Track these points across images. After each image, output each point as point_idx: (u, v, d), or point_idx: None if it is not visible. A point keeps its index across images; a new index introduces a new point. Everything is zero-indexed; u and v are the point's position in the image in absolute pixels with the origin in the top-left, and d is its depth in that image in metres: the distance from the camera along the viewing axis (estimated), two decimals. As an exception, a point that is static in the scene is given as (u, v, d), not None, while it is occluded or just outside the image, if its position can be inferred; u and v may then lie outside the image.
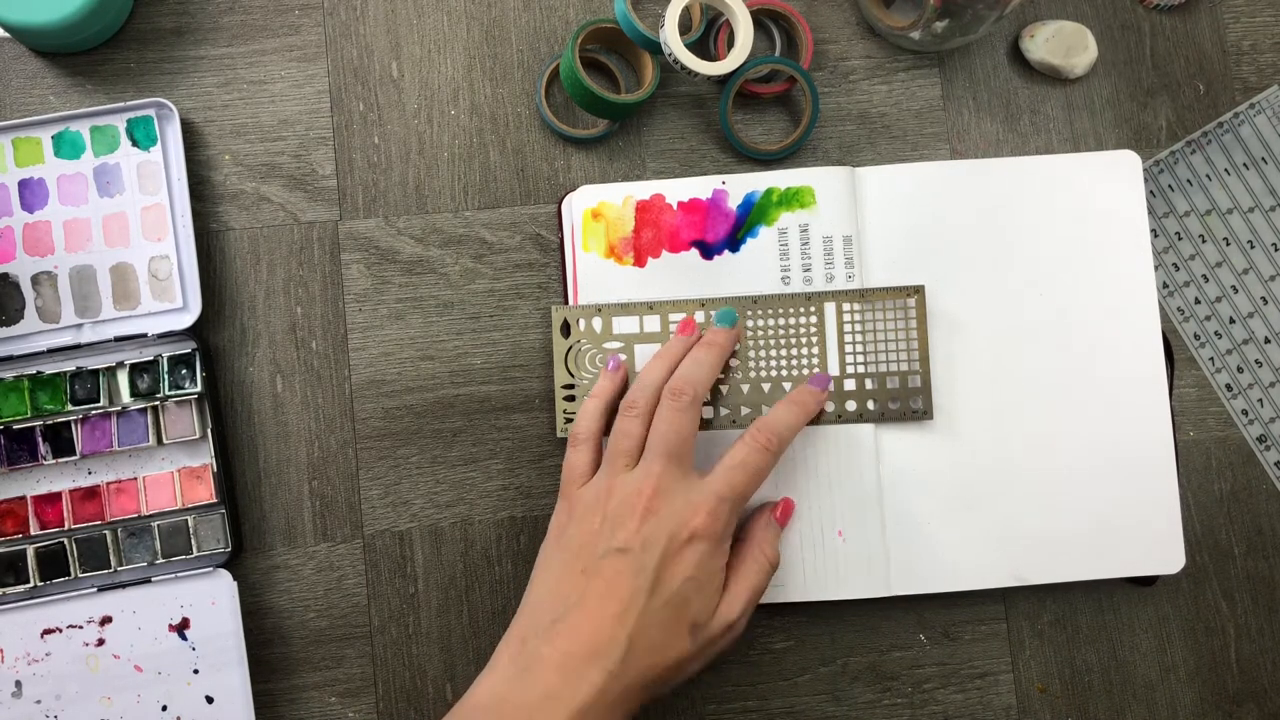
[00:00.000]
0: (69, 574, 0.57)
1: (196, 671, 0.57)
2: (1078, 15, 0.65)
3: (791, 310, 0.59)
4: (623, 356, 0.58)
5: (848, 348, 0.59)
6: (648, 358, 0.59)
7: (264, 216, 0.61)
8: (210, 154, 0.61)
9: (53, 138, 0.59)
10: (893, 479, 0.59)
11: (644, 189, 0.60)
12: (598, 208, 0.60)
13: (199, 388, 0.58)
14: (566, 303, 0.60)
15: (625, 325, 0.59)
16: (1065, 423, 0.59)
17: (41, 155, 0.59)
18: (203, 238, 0.61)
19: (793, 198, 0.60)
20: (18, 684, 0.56)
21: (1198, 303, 0.64)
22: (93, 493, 0.58)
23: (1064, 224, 0.61)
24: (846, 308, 0.59)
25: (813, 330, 0.59)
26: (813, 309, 0.59)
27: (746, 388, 0.59)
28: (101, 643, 0.57)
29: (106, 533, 0.57)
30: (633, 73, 0.64)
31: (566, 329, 0.59)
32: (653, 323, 0.59)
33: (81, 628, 0.57)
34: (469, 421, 0.61)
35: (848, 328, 0.59)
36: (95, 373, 0.57)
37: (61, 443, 0.57)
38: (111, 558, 0.57)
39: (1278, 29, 0.65)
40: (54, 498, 0.58)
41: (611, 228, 0.60)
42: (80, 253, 0.59)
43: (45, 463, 0.57)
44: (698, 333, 0.58)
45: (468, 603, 0.60)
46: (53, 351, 0.58)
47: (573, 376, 0.59)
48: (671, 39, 0.59)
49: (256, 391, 0.60)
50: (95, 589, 0.57)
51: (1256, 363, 0.63)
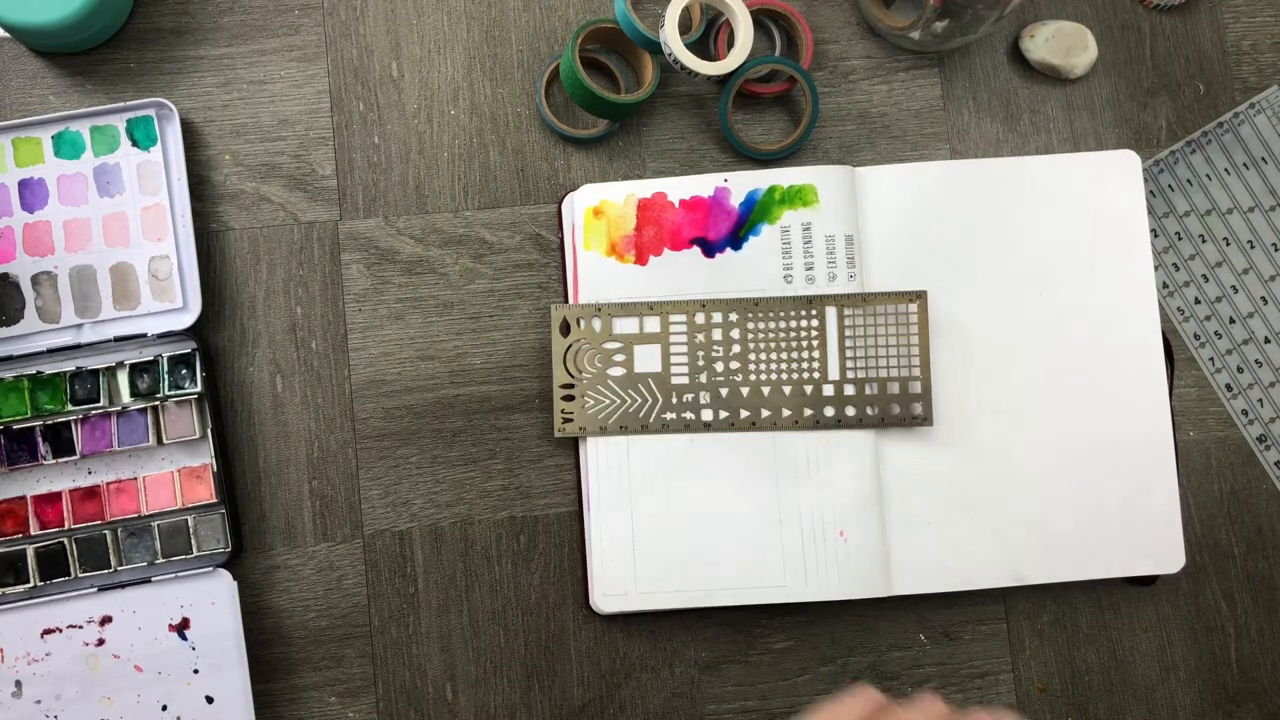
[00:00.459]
0: (69, 574, 0.57)
1: (196, 671, 0.57)
2: (1078, 15, 0.65)
3: (792, 314, 0.59)
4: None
5: (848, 352, 0.59)
6: (648, 358, 0.59)
7: (264, 216, 0.61)
8: (210, 154, 0.61)
9: (53, 138, 0.59)
10: (893, 479, 0.59)
11: (646, 187, 0.60)
12: (599, 206, 0.60)
13: (199, 388, 0.58)
14: (566, 302, 0.60)
15: (625, 325, 0.59)
16: (1065, 423, 0.59)
17: (41, 155, 0.59)
18: (203, 238, 0.61)
19: (795, 196, 0.60)
20: (18, 684, 0.56)
21: (1198, 303, 0.64)
22: (93, 493, 0.58)
23: (1064, 224, 0.61)
24: (848, 312, 0.59)
25: (814, 334, 0.59)
26: (814, 312, 0.59)
27: (746, 390, 0.59)
28: (101, 643, 0.57)
29: (106, 533, 0.57)
30: (633, 73, 0.64)
31: (566, 328, 0.59)
32: (653, 323, 0.59)
33: (81, 628, 0.57)
34: (469, 421, 0.61)
35: (849, 332, 0.59)
36: (95, 373, 0.57)
37: (61, 443, 0.57)
38: (111, 558, 0.57)
39: (1278, 29, 0.65)
40: (54, 498, 0.58)
41: (613, 225, 0.60)
42: (80, 253, 0.59)
43: (45, 463, 0.57)
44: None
45: (468, 603, 0.60)
46: (53, 351, 0.58)
47: (572, 376, 0.59)
48: (671, 39, 0.59)
49: (256, 391, 0.60)
50: (95, 589, 0.57)
51: (1256, 363, 0.63)
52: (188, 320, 0.58)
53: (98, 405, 0.57)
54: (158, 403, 0.58)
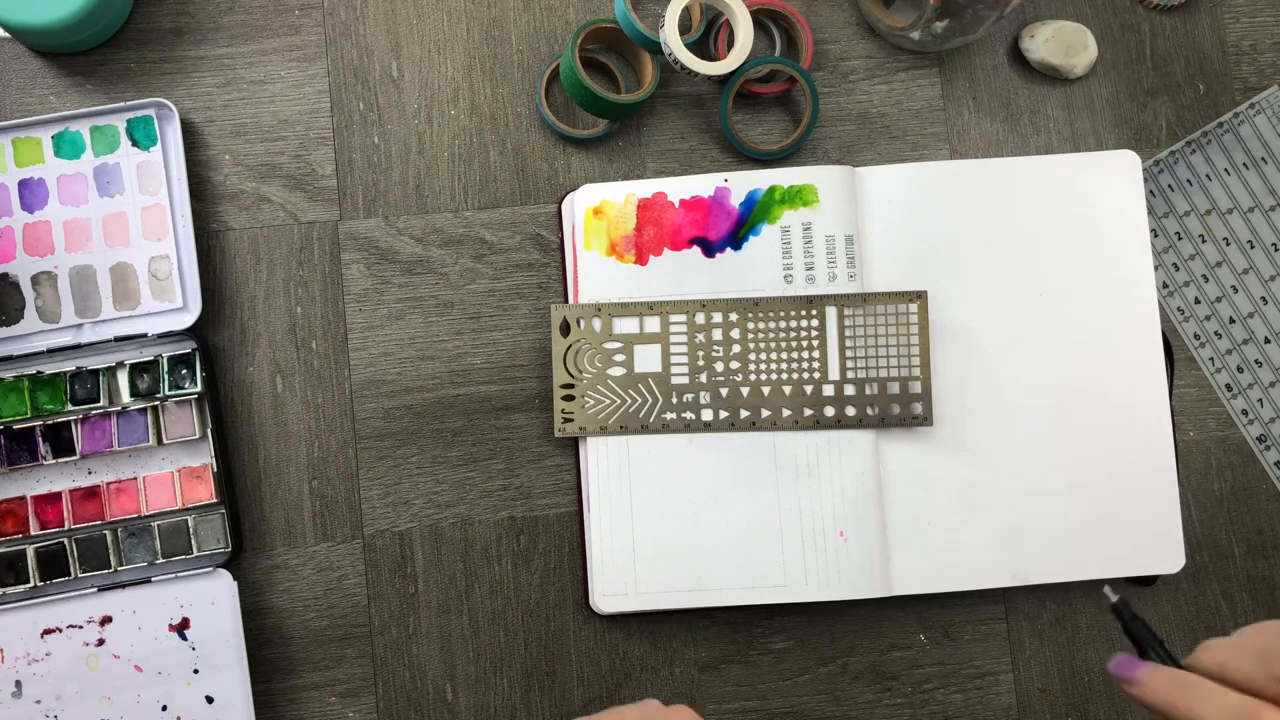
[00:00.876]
0: (69, 574, 0.57)
1: (196, 671, 0.57)
2: (1078, 15, 0.65)
3: (792, 314, 0.59)
4: None
5: (848, 352, 0.59)
6: (648, 358, 0.59)
7: (264, 216, 0.61)
8: (210, 154, 0.61)
9: (53, 138, 0.59)
10: (893, 479, 0.59)
11: (646, 187, 0.60)
12: (600, 205, 0.60)
13: (199, 388, 0.58)
14: (566, 302, 0.60)
15: (625, 325, 0.59)
16: (1065, 423, 0.59)
17: (41, 155, 0.59)
18: (203, 238, 0.61)
19: (796, 195, 0.60)
20: (18, 684, 0.56)
21: (1198, 303, 0.64)
22: (93, 493, 0.58)
23: (1064, 224, 0.61)
24: (848, 312, 0.59)
25: (814, 334, 0.59)
26: (814, 313, 0.59)
27: (746, 390, 0.59)
28: (101, 643, 0.57)
29: (106, 533, 0.57)
30: (633, 73, 0.64)
31: (566, 328, 0.59)
32: (653, 323, 0.59)
33: (81, 628, 0.57)
34: (469, 421, 0.61)
35: (849, 332, 0.59)
36: (95, 373, 0.57)
37: (61, 443, 0.57)
38: (111, 558, 0.57)
39: (1278, 29, 0.65)
40: (54, 498, 0.58)
41: (613, 225, 0.60)
42: (80, 253, 0.59)
43: (45, 463, 0.57)
44: None
45: (468, 603, 0.60)
46: (53, 351, 0.58)
47: (572, 376, 0.59)
48: (671, 39, 0.59)
49: (256, 391, 0.60)
50: (95, 589, 0.57)
51: (1256, 363, 0.63)
52: (188, 320, 0.58)
53: (98, 405, 0.57)
54: (158, 403, 0.58)
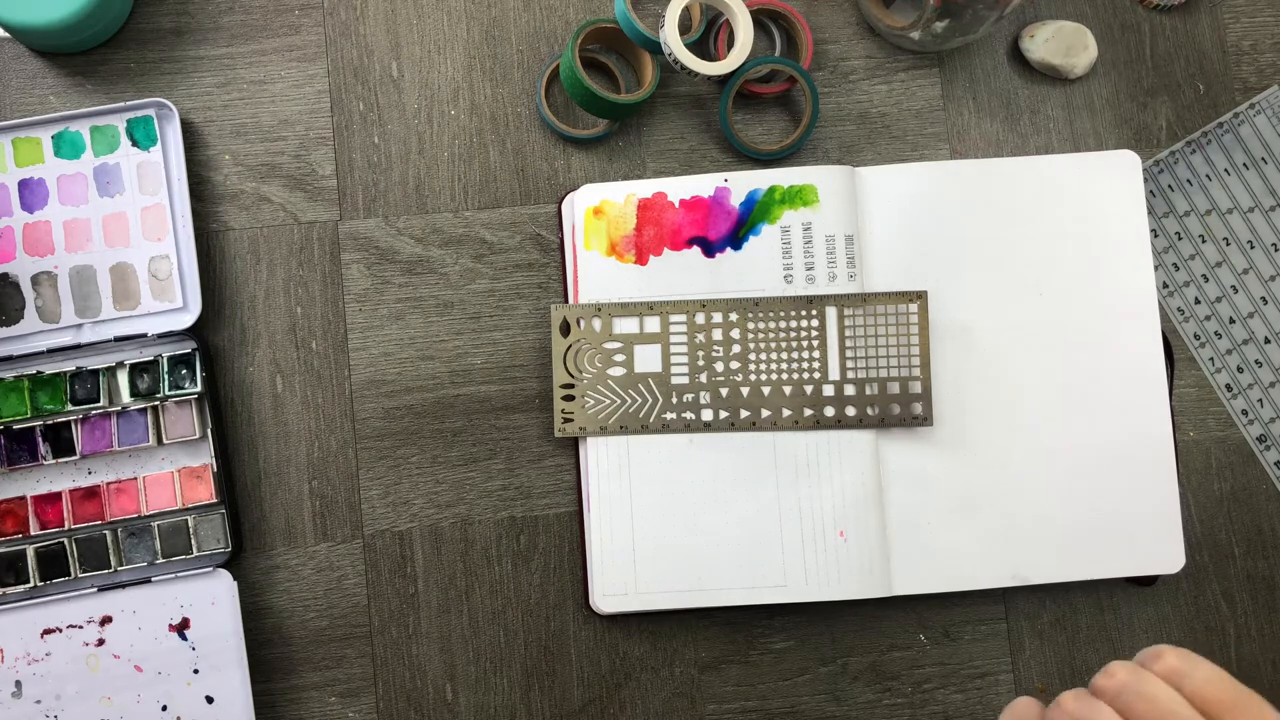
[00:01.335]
0: (69, 574, 0.57)
1: (196, 671, 0.57)
2: (1078, 15, 0.65)
3: (792, 314, 0.59)
4: None
5: (848, 352, 0.59)
6: (648, 358, 0.59)
7: (264, 216, 0.61)
8: (210, 154, 0.61)
9: (53, 138, 0.59)
10: (893, 479, 0.59)
11: (646, 187, 0.60)
12: (600, 205, 0.60)
13: (199, 388, 0.58)
14: (566, 302, 0.60)
15: (625, 325, 0.59)
16: (1065, 423, 0.59)
17: (41, 155, 0.59)
18: (203, 238, 0.61)
19: (796, 195, 0.60)
20: (18, 684, 0.56)
21: (1198, 303, 0.64)
22: (93, 493, 0.58)
23: (1064, 224, 0.61)
24: (848, 312, 0.59)
25: (814, 334, 0.59)
26: (814, 313, 0.59)
27: (746, 390, 0.59)
28: (101, 643, 0.57)
29: (106, 533, 0.57)
30: (633, 73, 0.64)
31: (566, 328, 0.59)
32: (653, 323, 0.59)
33: (81, 628, 0.57)
34: (469, 421, 0.61)
35: (849, 332, 0.59)
36: (95, 373, 0.57)
37: (61, 443, 0.57)
38: (111, 558, 0.57)
39: (1278, 29, 0.65)
40: (54, 498, 0.58)
41: (613, 225, 0.60)
42: (80, 253, 0.59)
43: (45, 463, 0.57)
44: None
45: (468, 603, 0.60)
46: (53, 351, 0.58)
47: (572, 376, 0.59)
48: (671, 39, 0.59)
49: (256, 391, 0.60)
50: (95, 589, 0.57)
51: (1256, 363, 0.63)
52: (188, 320, 0.58)
53: (98, 405, 0.57)
54: (158, 403, 0.58)
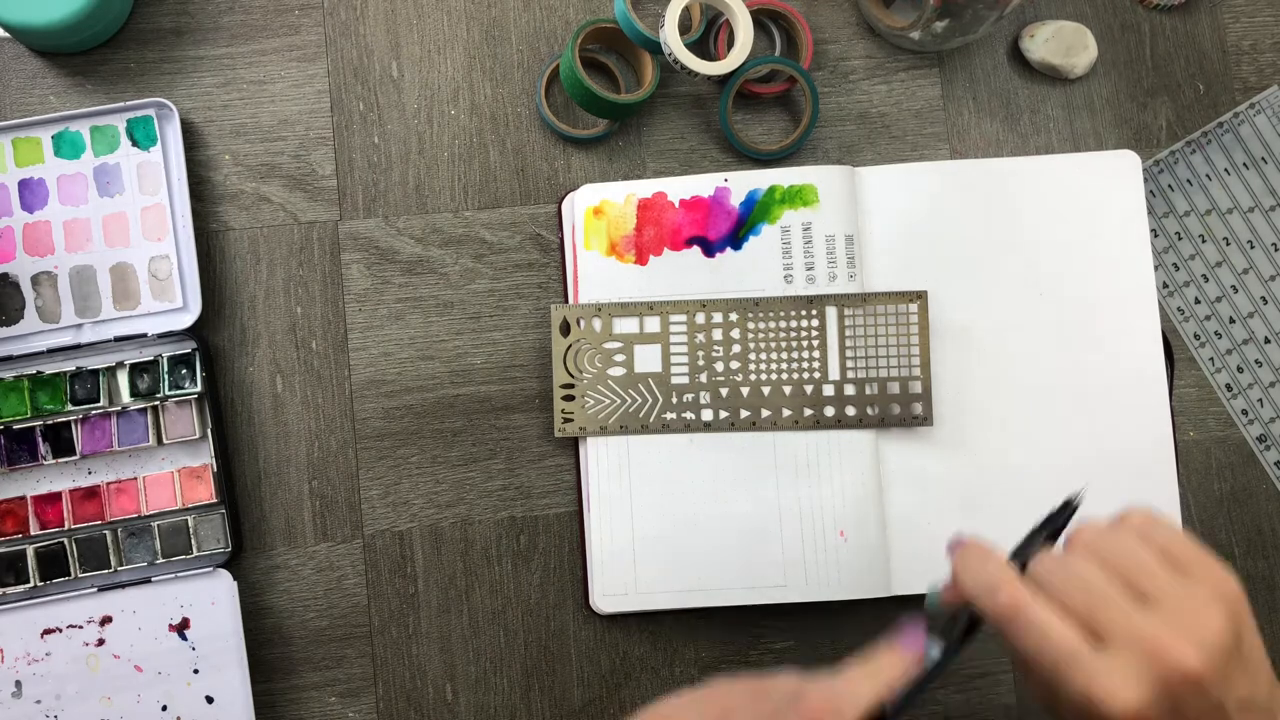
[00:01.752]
0: (69, 574, 0.57)
1: (196, 671, 0.57)
2: (1078, 15, 0.65)
3: (792, 313, 0.59)
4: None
5: (848, 352, 0.59)
6: (648, 358, 0.59)
7: (264, 216, 0.61)
8: (210, 154, 0.61)
9: (53, 138, 0.59)
10: (893, 479, 0.59)
11: (646, 187, 0.60)
12: (600, 205, 0.60)
13: (199, 388, 0.58)
14: (566, 302, 0.60)
15: (625, 325, 0.59)
16: (1065, 423, 0.59)
17: (41, 155, 0.59)
18: (203, 238, 0.61)
19: (796, 195, 0.60)
20: (18, 684, 0.56)
21: (1198, 303, 0.64)
22: (93, 493, 0.58)
23: (1064, 224, 0.61)
24: (848, 312, 0.59)
25: (814, 334, 0.59)
26: (814, 312, 0.59)
27: (746, 390, 0.59)
28: (101, 643, 0.57)
29: (106, 533, 0.57)
30: (633, 73, 0.64)
31: (566, 328, 0.59)
32: (653, 323, 0.59)
33: (81, 628, 0.57)
34: (469, 421, 0.61)
35: (849, 332, 0.59)
36: (95, 373, 0.57)
37: (61, 443, 0.57)
38: (111, 558, 0.57)
39: (1278, 29, 0.65)
40: (54, 498, 0.58)
41: (613, 225, 0.60)
42: (80, 253, 0.59)
43: (45, 463, 0.57)
44: None
45: (468, 603, 0.60)
46: (53, 351, 0.58)
47: (572, 376, 0.59)
48: (671, 39, 0.59)
49: (256, 391, 0.60)
50: (95, 589, 0.57)
51: (1256, 363, 0.63)
52: (188, 320, 0.58)
53: (98, 405, 0.57)
54: (158, 403, 0.58)
